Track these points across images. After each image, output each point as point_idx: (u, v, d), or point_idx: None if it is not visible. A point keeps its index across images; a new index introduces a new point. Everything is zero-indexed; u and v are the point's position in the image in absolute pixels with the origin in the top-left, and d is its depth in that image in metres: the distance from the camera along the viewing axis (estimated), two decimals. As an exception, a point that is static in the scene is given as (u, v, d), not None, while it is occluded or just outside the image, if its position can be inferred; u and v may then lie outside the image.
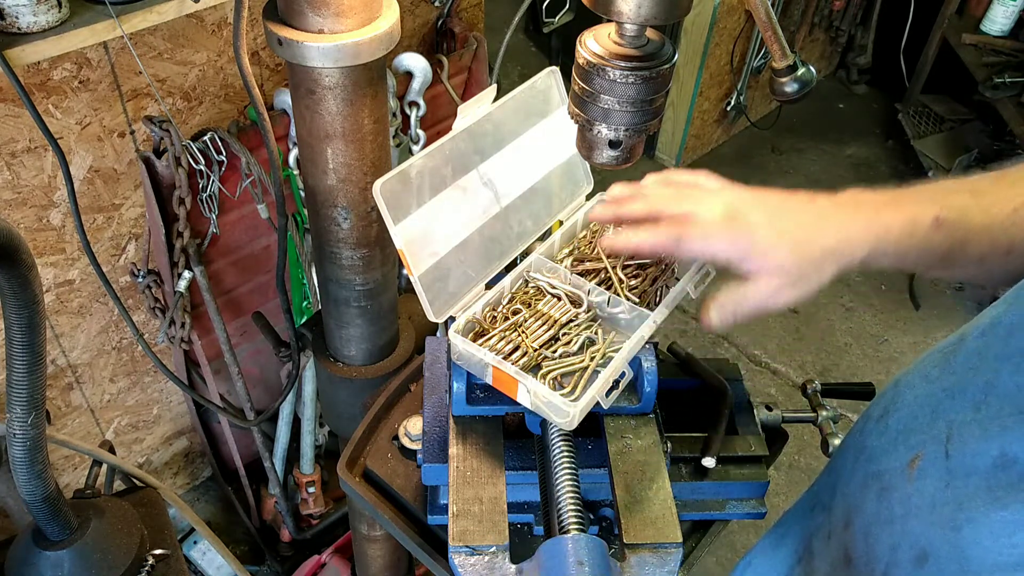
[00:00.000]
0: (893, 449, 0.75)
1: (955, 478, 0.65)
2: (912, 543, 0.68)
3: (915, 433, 0.73)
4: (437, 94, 2.12)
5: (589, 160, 0.87)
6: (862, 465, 0.81)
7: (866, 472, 0.79)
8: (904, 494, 0.71)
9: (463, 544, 0.91)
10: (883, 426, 0.79)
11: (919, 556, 0.67)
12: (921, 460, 0.70)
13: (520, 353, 0.97)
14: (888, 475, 0.74)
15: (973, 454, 0.64)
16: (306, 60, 1.07)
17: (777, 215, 0.84)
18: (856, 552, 0.76)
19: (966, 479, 0.64)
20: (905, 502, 0.70)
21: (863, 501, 0.77)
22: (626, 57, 0.77)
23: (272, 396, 2.41)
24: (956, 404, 0.69)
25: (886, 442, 0.77)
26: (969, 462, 0.64)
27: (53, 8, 1.45)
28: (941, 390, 0.72)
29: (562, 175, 1.17)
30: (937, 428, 0.69)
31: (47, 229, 1.77)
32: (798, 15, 4.06)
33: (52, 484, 1.04)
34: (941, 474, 0.67)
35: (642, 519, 0.93)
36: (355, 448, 1.21)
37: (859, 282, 3.64)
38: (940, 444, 0.68)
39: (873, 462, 0.78)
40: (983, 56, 3.74)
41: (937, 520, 0.66)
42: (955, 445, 0.66)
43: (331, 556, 2.33)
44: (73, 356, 2.02)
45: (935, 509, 0.66)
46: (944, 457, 0.67)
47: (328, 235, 1.31)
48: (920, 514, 0.68)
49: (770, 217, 0.83)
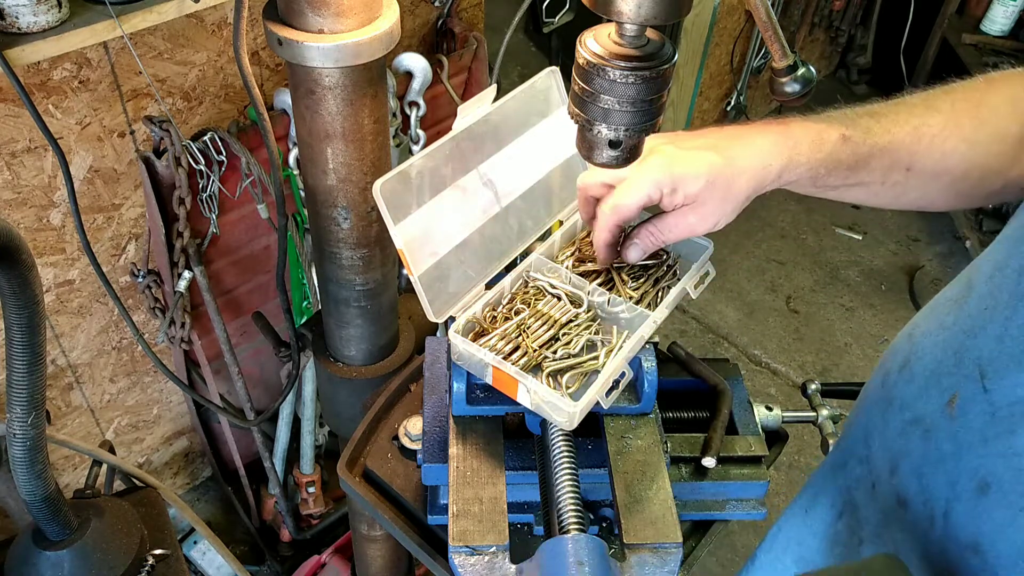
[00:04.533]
0: (925, 394, 0.80)
1: (999, 409, 0.70)
2: (971, 475, 0.72)
3: (944, 375, 0.78)
4: (437, 94, 2.12)
5: (589, 160, 0.87)
6: (895, 414, 0.85)
7: (902, 420, 0.84)
8: (949, 432, 0.75)
9: (463, 544, 0.91)
10: (908, 375, 0.85)
11: (980, 486, 0.71)
12: (959, 399, 0.75)
13: (520, 353, 0.97)
14: (928, 418, 0.79)
15: (1013, 385, 0.69)
16: (306, 60, 1.07)
17: (690, 144, 0.89)
18: (910, 494, 0.81)
19: (1011, 407, 0.69)
20: (953, 439, 0.75)
21: (907, 446, 0.82)
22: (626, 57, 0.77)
23: (272, 396, 2.41)
24: (979, 343, 0.74)
25: (916, 389, 0.82)
26: (1010, 392, 0.69)
27: (53, 8, 1.44)
28: (961, 332, 0.77)
29: (562, 175, 1.17)
30: (966, 368, 0.74)
31: (47, 229, 1.77)
32: (798, 15, 4.06)
33: (52, 484, 1.04)
34: (984, 408, 0.72)
35: (642, 519, 0.93)
36: (355, 448, 1.21)
37: (859, 282, 3.64)
38: (976, 382, 0.73)
39: (907, 409, 0.83)
40: (983, 56, 3.74)
41: (992, 450, 0.70)
42: (991, 380, 0.71)
43: (331, 556, 2.33)
44: (73, 356, 2.02)
45: (987, 441, 0.71)
46: (983, 392, 0.72)
47: (328, 235, 1.31)
48: (973, 448, 0.73)
49: (684, 147, 0.88)
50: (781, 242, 3.82)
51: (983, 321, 0.74)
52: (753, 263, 3.71)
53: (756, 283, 3.62)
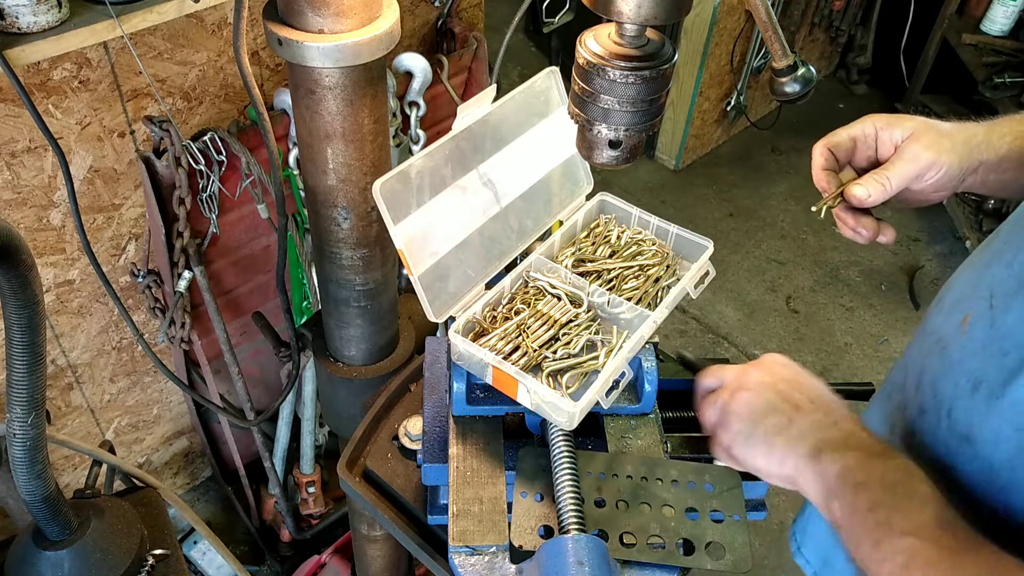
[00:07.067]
0: (948, 317, 0.93)
1: (997, 318, 0.82)
2: (968, 377, 0.84)
3: (964, 300, 0.91)
4: (437, 94, 2.12)
5: (589, 160, 0.87)
6: (925, 337, 0.98)
7: (928, 341, 0.96)
8: (959, 344, 0.88)
9: (463, 544, 0.91)
10: (939, 305, 0.98)
11: (974, 384, 0.83)
12: (971, 318, 0.87)
13: (520, 353, 0.97)
14: (946, 337, 0.91)
15: (1012, 306, 0.81)
16: (306, 60, 1.07)
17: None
18: (927, 403, 0.92)
19: (1005, 319, 0.81)
20: (961, 350, 0.87)
21: (927, 361, 0.94)
22: (626, 57, 0.77)
23: (272, 396, 2.41)
24: (993, 270, 0.87)
25: (942, 314, 0.95)
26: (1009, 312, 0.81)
27: (53, 8, 1.44)
28: (982, 264, 0.91)
29: (562, 175, 1.17)
30: (981, 292, 0.86)
31: (47, 229, 1.77)
32: (798, 15, 4.06)
33: (52, 484, 1.04)
34: (987, 322, 0.84)
35: (642, 519, 0.93)
36: (355, 448, 1.21)
37: (859, 282, 3.64)
38: (986, 301, 0.85)
39: (933, 333, 0.96)
40: (983, 56, 3.74)
41: (988, 354, 0.82)
42: (997, 299, 0.83)
43: (331, 556, 2.33)
44: (73, 356, 2.02)
45: (985, 347, 0.83)
46: (989, 310, 0.84)
47: (328, 235, 1.31)
48: (974, 355, 0.84)
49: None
50: (781, 242, 3.82)
51: (999, 253, 0.87)
52: (753, 263, 3.71)
53: (756, 283, 3.62)
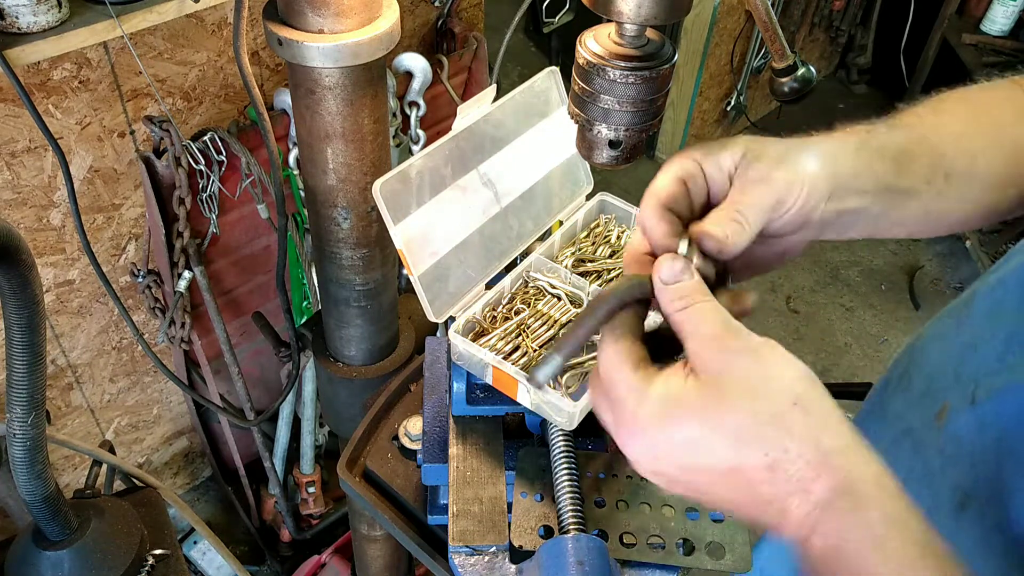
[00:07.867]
0: (919, 405, 0.78)
1: (985, 419, 0.68)
2: (954, 489, 0.70)
3: (939, 388, 0.75)
4: (437, 94, 2.12)
5: (589, 160, 0.87)
6: (890, 424, 0.83)
7: (896, 430, 0.81)
8: (937, 447, 0.73)
9: (463, 544, 0.91)
10: (906, 385, 0.82)
11: (961, 501, 0.69)
12: (948, 411, 0.73)
13: (520, 353, 0.97)
14: (917, 431, 0.77)
15: (1002, 401, 0.67)
16: (306, 60, 1.07)
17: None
18: None
19: (997, 417, 0.67)
20: (941, 453, 0.73)
21: (896, 458, 0.78)
22: (626, 57, 0.77)
23: (272, 396, 2.41)
24: (979, 356, 0.72)
25: (911, 399, 0.80)
26: (998, 408, 0.67)
27: (53, 8, 1.44)
28: (961, 345, 0.75)
29: (562, 175, 1.17)
30: (963, 382, 0.72)
31: (47, 229, 1.77)
32: (798, 15, 4.06)
33: (52, 484, 1.04)
34: (970, 421, 0.69)
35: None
36: (355, 448, 1.21)
37: (859, 282, 3.64)
38: (967, 394, 0.70)
39: (901, 420, 0.81)
40: (983, 56, 3.73)
41: (978, 462, 0.68)
42: (983, 391, 0.69)
43: (331, 556, 2.33)
44: (73, 356, 2.02)
45: (974, 453, 0.68)
46: (971, 404, 0.69)
47: (328, 235, 1.31)
48: (959, 461, 0.70)
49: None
50: (781, 242, 3.82)
51: (984, 335, 0.71)
52: (753, 263, 3.71)
53: (756, 283, 3.62)
